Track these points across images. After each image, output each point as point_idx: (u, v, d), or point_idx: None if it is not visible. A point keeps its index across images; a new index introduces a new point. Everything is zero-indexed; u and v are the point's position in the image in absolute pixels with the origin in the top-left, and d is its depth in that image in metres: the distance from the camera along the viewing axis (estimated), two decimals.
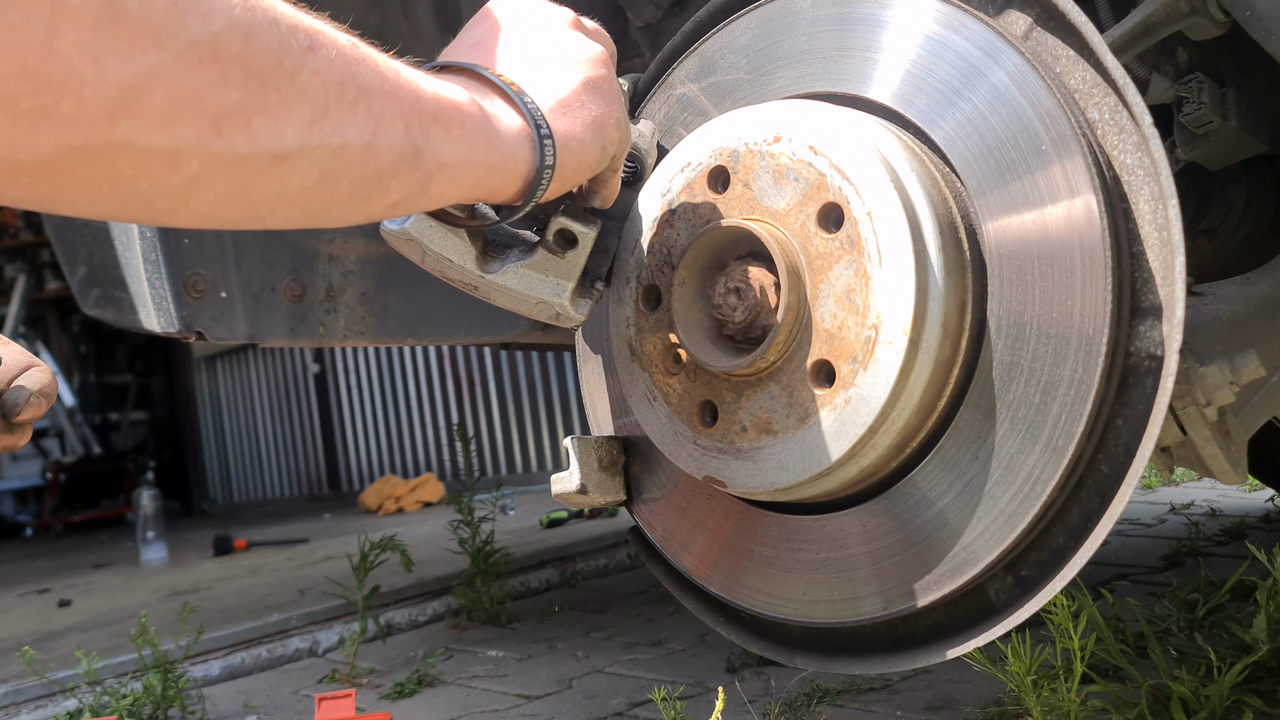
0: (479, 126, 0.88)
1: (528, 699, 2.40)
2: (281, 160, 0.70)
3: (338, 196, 0.78)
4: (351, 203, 0.79)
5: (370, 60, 0.78)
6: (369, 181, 0.79)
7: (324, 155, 0.73)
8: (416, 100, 0.81)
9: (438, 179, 0.85)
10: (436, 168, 0.84)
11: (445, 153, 0.84)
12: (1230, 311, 1.32)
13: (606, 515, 5.10)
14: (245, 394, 11.80)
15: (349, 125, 0.74)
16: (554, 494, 1.27)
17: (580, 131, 0.98)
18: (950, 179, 1.10)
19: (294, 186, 0.73)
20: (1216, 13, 1.24)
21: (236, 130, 0.66)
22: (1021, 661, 1.55)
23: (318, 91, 0.71)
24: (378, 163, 0.78)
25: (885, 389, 1.03)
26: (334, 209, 0.79)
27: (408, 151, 0.80)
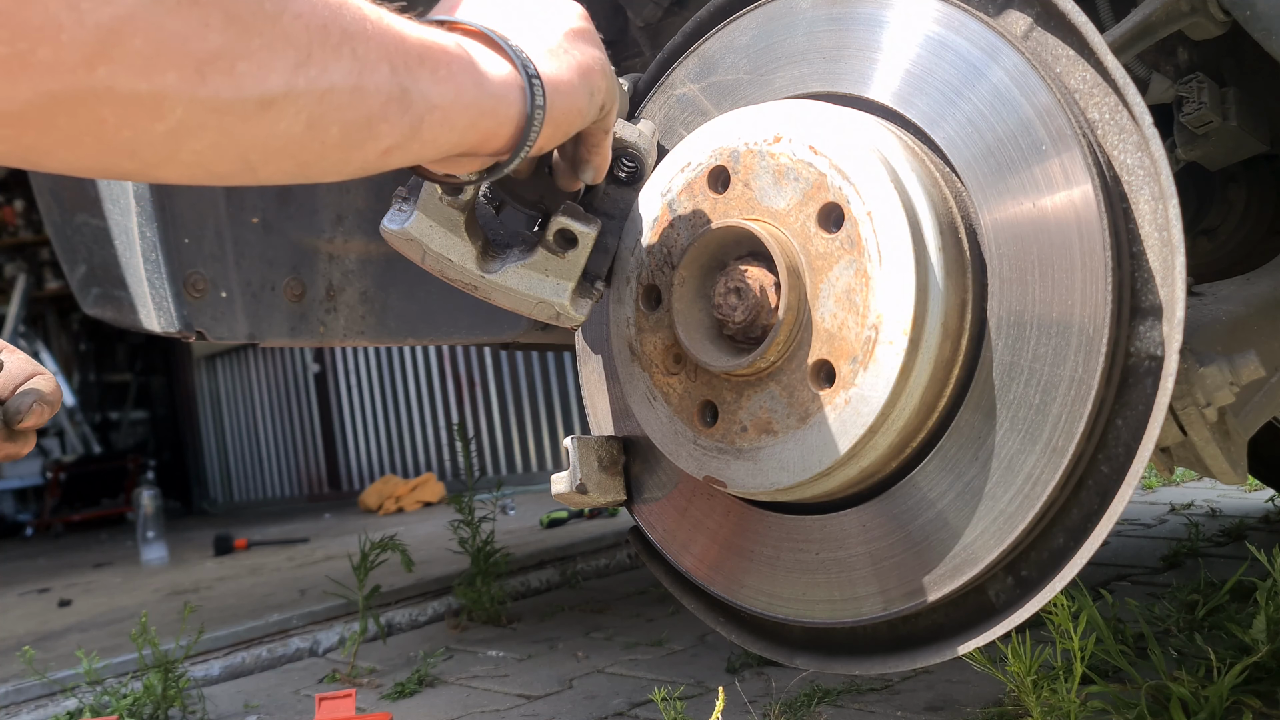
0: (466, 68, 0.88)
1: (528, 699, 2.40)
2: (268, 106, 0.70)
3: (328, 144, 0.77)
4: (343, 149, 0.79)
5: (352, 4, 0.77)
6: (359, 126, 0.78)
7: (311, 99, 0.73)
8: (401, 43, 0.81)
9: (429, 122, 0.84)
10: (426, 110, 0.83)
11: (434, 94, 0.84)
12: (1230, 312, 1.32)
13: (606, 515, 5.10)
14: (245, 393, 11.80)
15: (334, 68, 0.74)
16: (554, 494, 1.27)
17: (569, 75, 0.98)
18: (950, 179, 1.10)
19: (283, 134, 0.73)
20: (1217, 12, 1.24)
21: (220, 75, 0.66)
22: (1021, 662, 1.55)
23: (301, 35, 0.71)
24: (366, 105, 0.78)
25: (885, 389, 1.03)
26: (326, 157, 0.78)
27: (395, 93, 0.80)
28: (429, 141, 0.87)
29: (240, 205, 1.93)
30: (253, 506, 11.42)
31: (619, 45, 1.93)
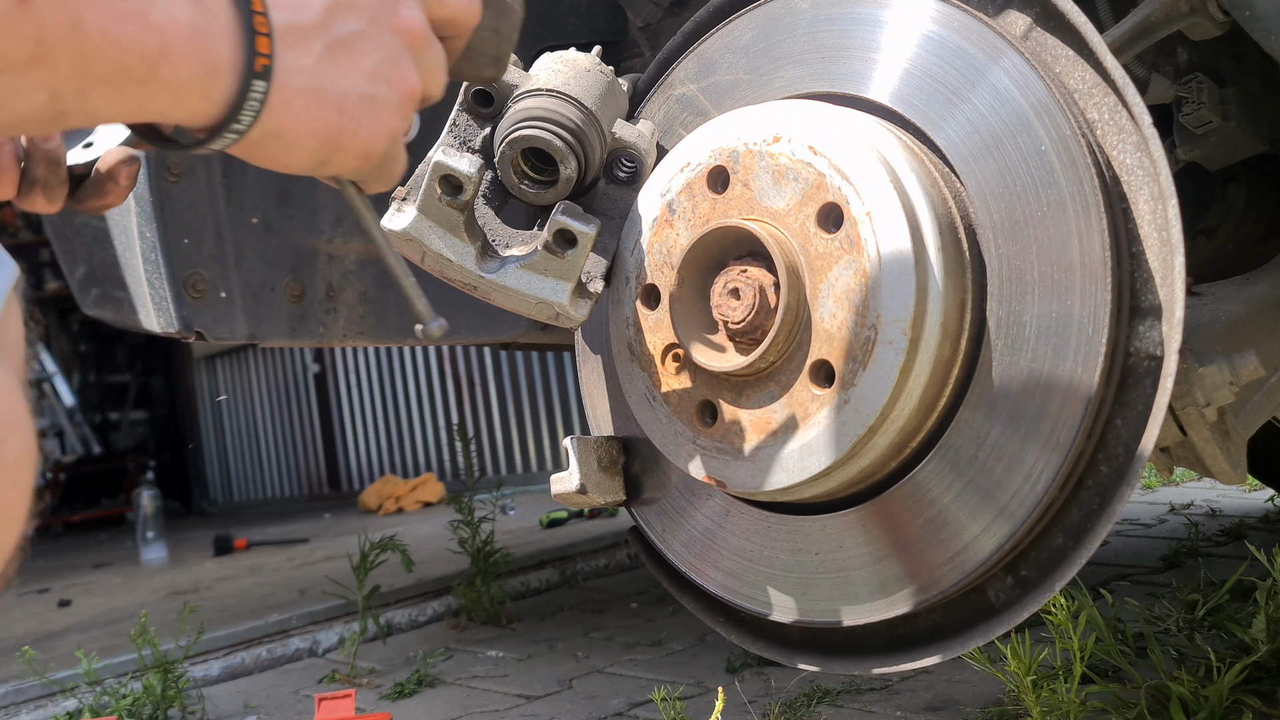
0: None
1: (528, 699, 2.40)
2: None
3: None
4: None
5: None
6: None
7: None
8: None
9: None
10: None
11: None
12: (1230, 311, 1.32)
13: (606, 515, 5.10)
14: (245, 394, 11.80)
15: None
16: (554, 494, 1.27)
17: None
18: (950, 179, 1.10)
19: None
20: (1216, 13, 1.24)
21: None
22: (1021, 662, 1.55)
23: None
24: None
25: (885, 389, 1.03)
26: None
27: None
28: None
29: (240, 206, 1.93)
30: (252, 507, 11.41)
31: (619, 45, 1.93)
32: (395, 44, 0.81)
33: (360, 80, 0.79)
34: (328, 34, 0.77)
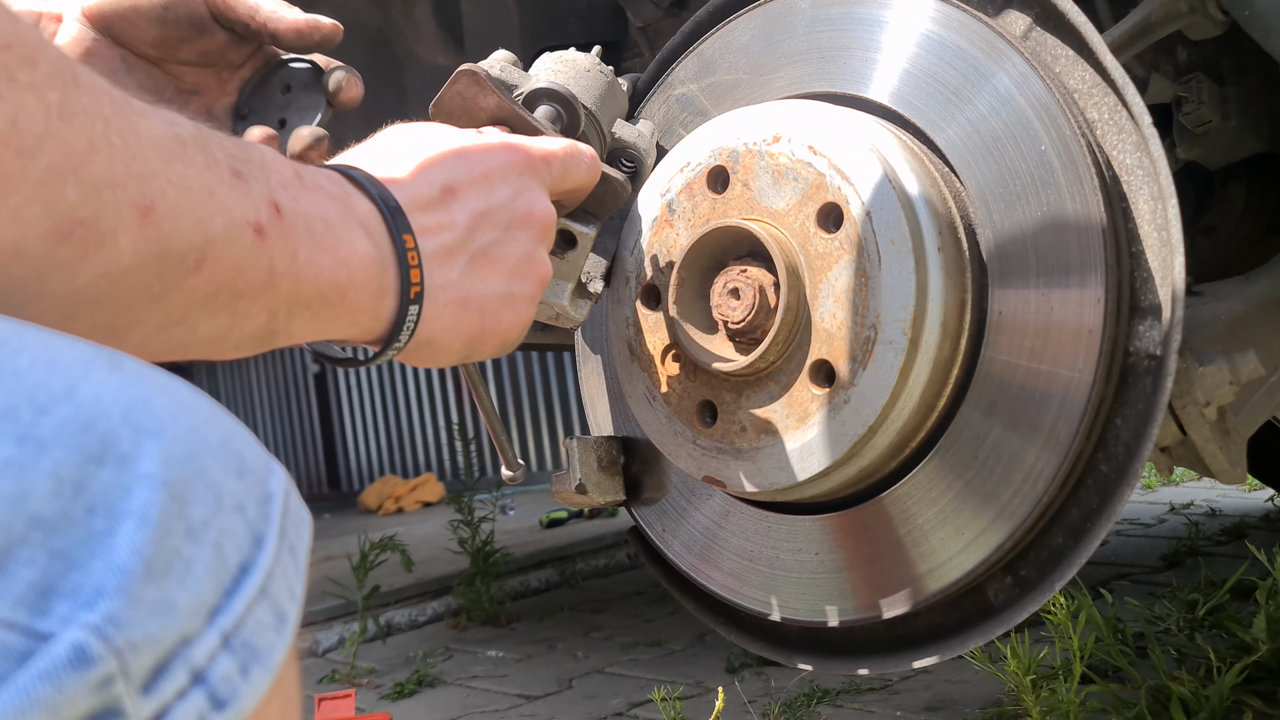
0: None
1: (527, 699, 2.40)
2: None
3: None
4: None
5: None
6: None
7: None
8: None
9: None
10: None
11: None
12: (1230, 311, 1.32)
13: (606, 515, 5.10)
14: (245, 394, 11.80)
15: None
16: (554, 494, 1.27)
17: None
18: (950, 179, 1.10)
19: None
20: (1215, 12, 1.24)
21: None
22: (1020, 661, 1.55)
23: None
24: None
25: (885, 389, 1.03)
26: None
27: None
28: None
29: None
30: None
31: (619, 45, 1.93)
32: (529, 240, 0.91)
33: (499, 283, 0.89)
34: (469, 248, 0.87)
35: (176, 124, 0.63)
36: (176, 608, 0.45)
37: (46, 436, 0.44)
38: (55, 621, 0.42)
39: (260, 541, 0.50)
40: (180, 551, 0.46)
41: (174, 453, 0.47)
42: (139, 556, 0.44)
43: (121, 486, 0.45)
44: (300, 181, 0.74)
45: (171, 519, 0.46)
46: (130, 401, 0.47)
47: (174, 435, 0.47)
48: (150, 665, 0.44)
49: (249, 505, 0.50)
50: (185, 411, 0.49)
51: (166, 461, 0.46)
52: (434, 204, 0.85)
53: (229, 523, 0.48)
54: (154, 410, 0.48)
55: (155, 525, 0.45)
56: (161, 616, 0.44)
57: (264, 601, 0.50)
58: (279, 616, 0.51)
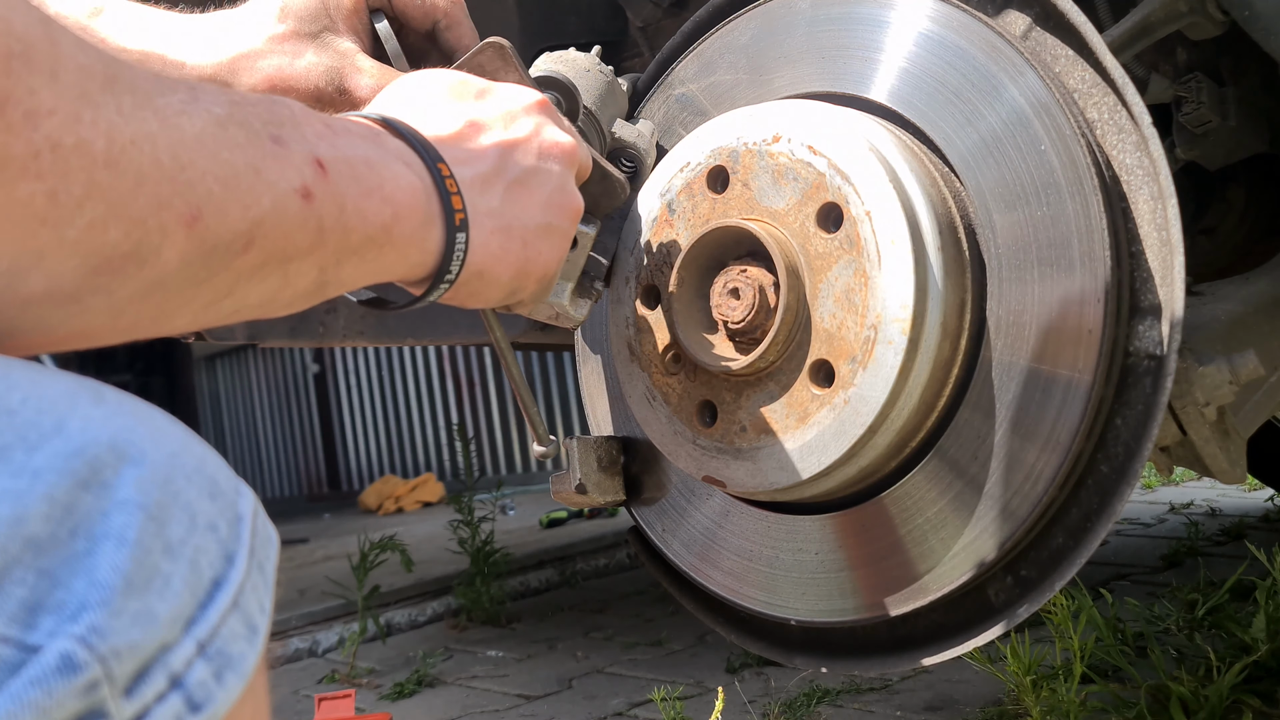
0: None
1: (527, 699, 2.40)
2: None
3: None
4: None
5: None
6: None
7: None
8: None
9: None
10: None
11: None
12: (1229, 311, 1.32)
13: (606, 515, 5.10)
14: (245, 394, 11.80)
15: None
16: (554, 494, 1.27)
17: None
18: (949, 179, 1.10)
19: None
20: (1215, 12, 1.24)
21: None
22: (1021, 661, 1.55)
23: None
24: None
25: (884, 389, 1.03)
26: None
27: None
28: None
29: None
30: None
31: (619, 45, 1.93)
32: (560, 170, 0.93)
33: (537, 211, 0.91)
34: (505, 176, 0.88)
35: (213, 105, 0.63)
36: (157, 618, 0.49)
37: (41, 467, 0.48)
38: (43, 635, 0.46)
39: (232, 559, 0.54)
40: (159, 567, 0.50)
41: (153, 478, 0.51)
42: (119, 573, 0.48)
43: (101, 511, 0.49)
44: (332, 129, 0.74)
45: (150, 538, 0.50)
46: (114, 432, 0.51)
47: (153, 462, 0.51)
48: (132, 670, 0.48)
49: (221, 525, 0.54)
50: (164, 439, 0.53)
51: (145, 487, 0.50)
52: (461, 137, 0.87)
53: (203, 541, 0.52)
54: (135, 439, 0.51)
55: (134, 544, 0.49)
56: (142, 626, 0.48)
57: (236, 613, 0.54)
58: (250, 627, 0.55)
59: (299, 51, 1.04)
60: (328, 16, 1.05)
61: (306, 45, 1.05)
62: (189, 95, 0.62)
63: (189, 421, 12.71)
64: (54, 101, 0.52)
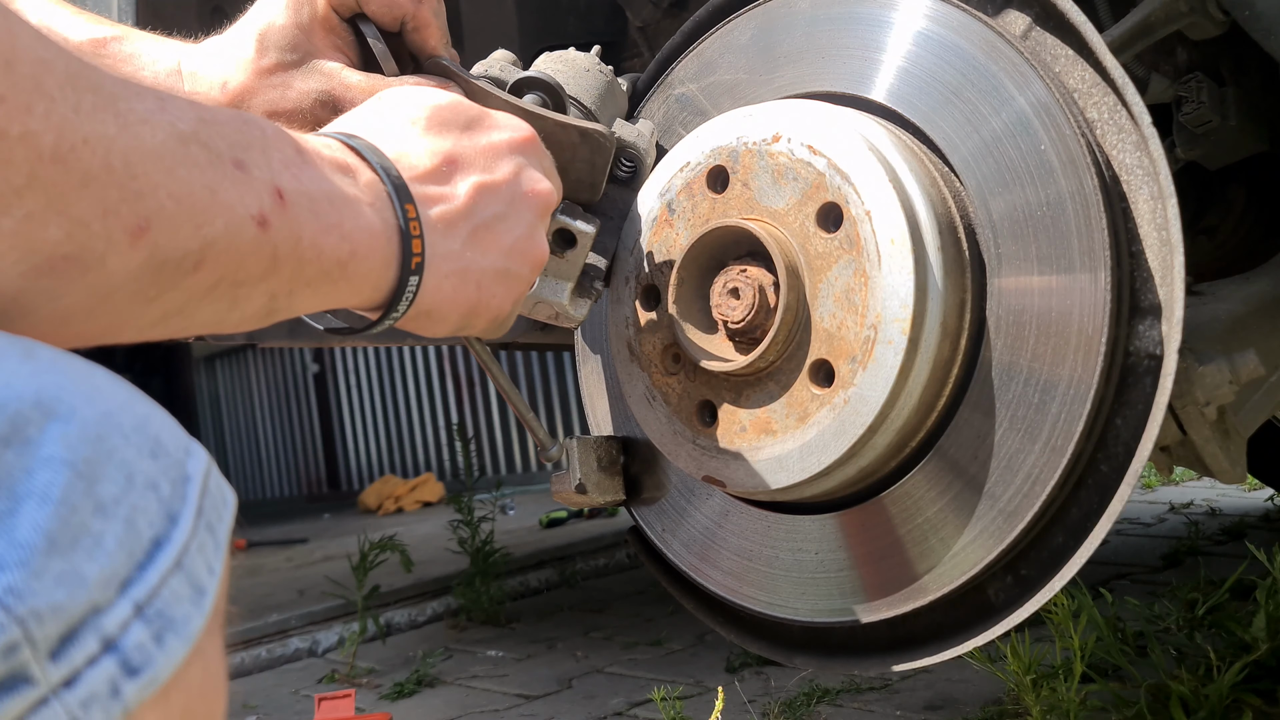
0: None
1: (527, 699, 2.40)
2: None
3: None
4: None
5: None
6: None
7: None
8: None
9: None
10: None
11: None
12: (1229, 311, 1.32)
13: (606, 515, 5.10)
14: (245, 394, 11.80)
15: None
16: (554, 494, 1.27)
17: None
18: (949, 179, 1.10)
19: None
20: (1215, 12, 1.24)
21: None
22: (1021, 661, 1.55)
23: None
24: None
25: (884, 389, 1.03)
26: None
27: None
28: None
29: None
30: (252, 507, 11.42)
31: (618, 45, 1.93)
32: (530, 217, 0.92)
33: (497, 257, 0.89)
34: (473, 219, 0.87)
35: (179, 119, 0.63)
36: (85, 579, 0.48)
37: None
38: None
39: (175, 518, 0.52)
40: (88, 526, 0.48)
41: (82, 435, 0.49)
42: (40, 532, 0.46)
43: (24, 469, 0.47)
44: (302, 157, 0.74)
45: (78, 496, 0.48)
46: (41, 388, 0.49)
47: (83, 419, 0.50)
48: (58, 633, 0.46)
49: (164, 484, 0.52)
50: (98, 397, 0.52)
51: (73, 443, 0.49)
52: (436, 174, 0.85)
53: (142, 500, 0.51)
54: (65, 396, 0.50)
55: (58, 502, 0.47)
56: (67, 587, 0.47)
57: (179, 574, 0.52)
58: (196, 589, 0.53)
59: (286, 83, 1.03)
60: (306, 41, 1.04)
61: (292, 75, 1.04)
62: (156, 105, 0.62)
63: (188, 422, 12.75)
64: (4, 89, 0.51)
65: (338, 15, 1.06)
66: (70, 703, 0.47)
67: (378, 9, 1.07)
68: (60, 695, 0.47)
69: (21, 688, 0.45)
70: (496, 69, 1.16)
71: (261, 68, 1.03)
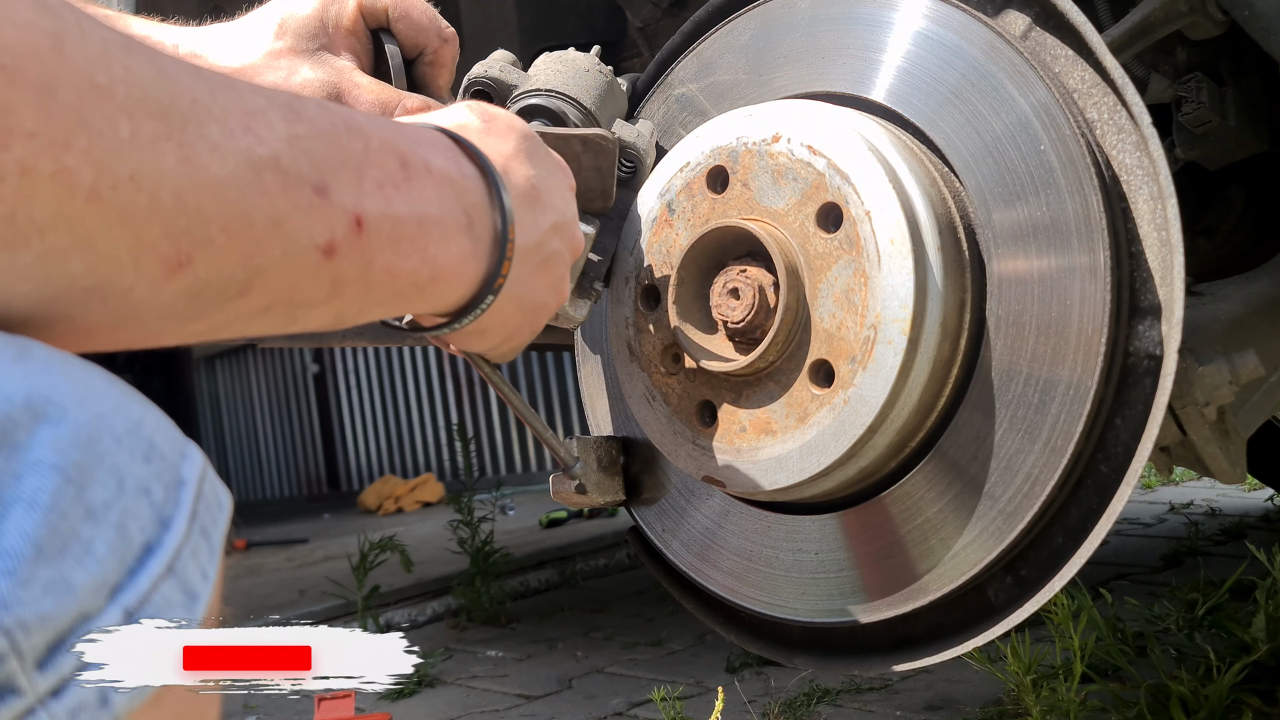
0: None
1: (527, 699, 2.40)
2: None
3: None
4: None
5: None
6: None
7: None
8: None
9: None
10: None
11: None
12: (1229, 311, 1.32)
13: (606, 515, 5.10)
14: (244, 394, 11.80)
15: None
16: (554, 494, 1.27)
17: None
18: (949, 179, 1.10)
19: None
20: (1215, 12, 1.24)
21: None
22: (1021, 661, 1.56)
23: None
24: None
25: (884, 389, 1.03)
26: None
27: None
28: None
29: None
30: (252, 507, 11.42)
31: (618, 45, 1.93)
32: (569, 259, 0.95)
33: (544, 290, 0.91)
34: (542, 252, 0.88)
35: (260, 141, 0.58)
36: (74, 587, 0.47)
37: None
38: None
39: (167, 523, 0.51)
40: (78, 533, 0.47)
41: (72, 439, 0.48)
42: (28, 540, 0.45)
43: (12, 474, 0.46)
44: (405, 172, 0.70)
45: (67, 502, 0.47)
46: (32, 390, 0.48)
47: (75, 422, 0.48)
48: (45, 642, 0.45)
49: (156, 488, 0.51)
50: (91, 399, 0.50)
51: (63, 447, 0.47)
52: (530, 200, 0.86)
53: (134, 505, 0.50)
54: (56, 398, 0.48)
55: (47, 509, 0.46)
56: (56, 595, 0.46)
57: (171, 579, 0.51)
58: (189, 595, 0.52)
59: (294, 68, 1.04)
60: (325, 34, 1.06)
61: (303, 61, 1.05)
62: (241, 125, 0.57)
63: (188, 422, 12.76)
64: (37, 123, 0.48)
65: (364, 22, 1.08)
66: (58, 712, 0.46)
67: (405, 30, 1.08)
68: (48, 705, 0.46)
69: (8, 698, 0.44)
70: (496, 69, 1.17)
71: (274, 50, 1.04)
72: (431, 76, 1.11)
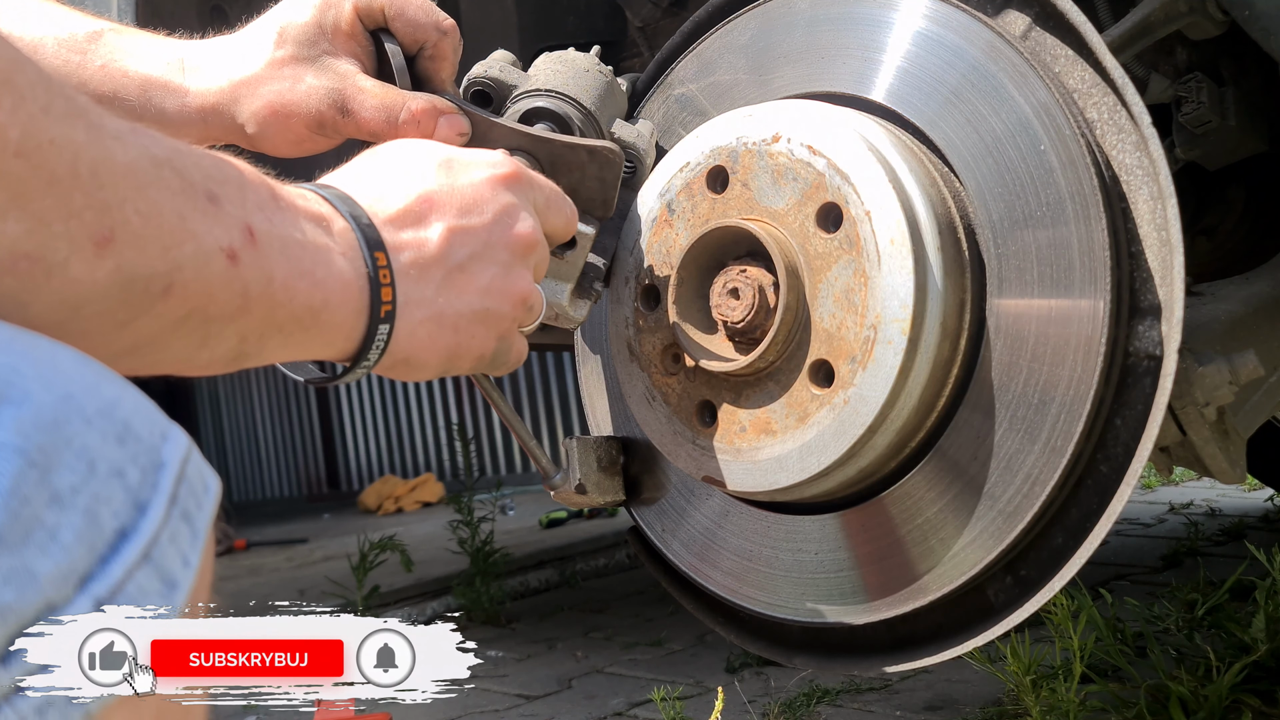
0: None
1: (527, 699, 2.40)
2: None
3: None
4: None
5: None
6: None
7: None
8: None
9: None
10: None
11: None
12: (1229, 311, 1.32)
13: (606, 515, 5.10)
14: (244, 394, 11.79)
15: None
16: (553, 494, 1.27)
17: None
18: (949, 179, 1.10)
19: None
20: (1215, 12, 1.24)
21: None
22: (1021, 661, 1.56)
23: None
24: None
25: (884, 389, 1.03)
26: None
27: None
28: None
29: None
30: (252, 507, 11.41)
31: (618, 45, 1.93)
32: (508, 257, 0.90)
33: (474, 298, 0.87)
34: (447, 262, 0.85)
35: (154, 145, 0.62)
36: (37, 576, 0.45)
37: None
38: None
39: (143, 508, 0.50)
40: (41, 519, 0.45)
41: (36, 421, 0.47)
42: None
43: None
44: (277, 202, 0.73)
45: (30, 487, 0.45)
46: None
47: (39, 404, 0.47)
48: (6, 635, 0.44)
49: (131, 472, 0.50)
50: (59, 379, 0.49)
51: (25, 430, 0.46)
52: (410, 217, 0.84)
53: (104, 489, 0.48)
54: (19, 379, 0.47)
55: (8, 494, 0.44)
56: (16, 586, 0.44)
57: (147, 567, 0.50)
58: (167, 583, 0.51)
59: (298, 76, 1.04)
60: (325, 40, 1.05)
61: (305, 69, 1.04)
62: (130, 128, 0.61)
63: (188, 422, 12.73)
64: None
65: (362, 24, 1.07)
66: (24, 709, 0.45)
67: (402, 28, 1.08)
68: (12, 701, 0.44)
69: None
70: (496, 69, 1.16)
71: (276, 59, 1.04)
72: (434, 71, 1.10)
